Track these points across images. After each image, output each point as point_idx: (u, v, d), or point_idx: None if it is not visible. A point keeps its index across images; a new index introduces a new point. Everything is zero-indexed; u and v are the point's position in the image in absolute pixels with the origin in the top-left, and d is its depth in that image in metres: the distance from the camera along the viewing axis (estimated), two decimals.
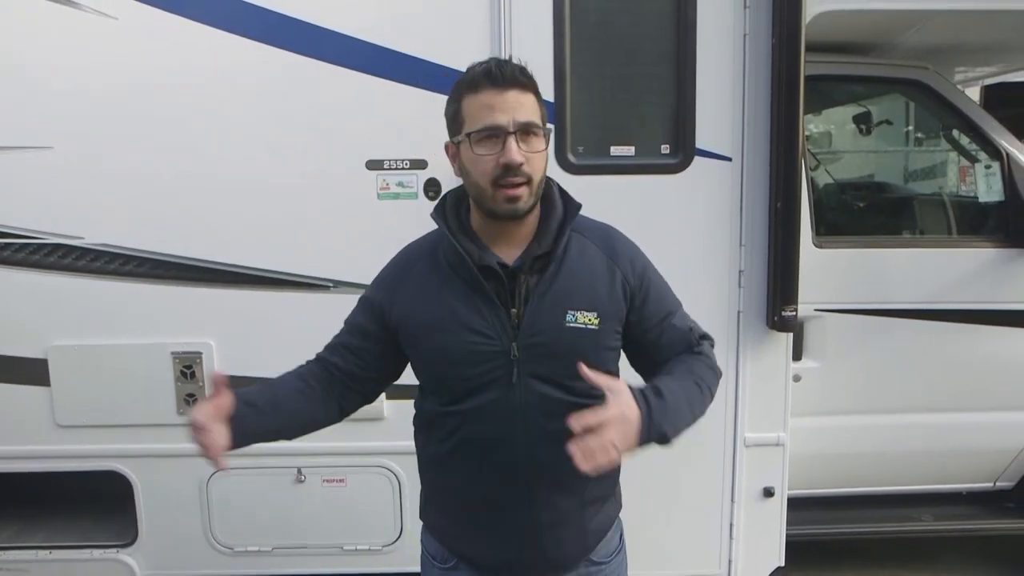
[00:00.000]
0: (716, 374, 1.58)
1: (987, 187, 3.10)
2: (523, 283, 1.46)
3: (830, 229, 3.28)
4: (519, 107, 1.40)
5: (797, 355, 2.96)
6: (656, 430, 1.33)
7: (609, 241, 1.57)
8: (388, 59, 2.56)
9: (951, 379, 3.09)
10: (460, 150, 1.46)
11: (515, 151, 1.38)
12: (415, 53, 2.57)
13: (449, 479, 1.59)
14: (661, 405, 1.35)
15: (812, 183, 3.93)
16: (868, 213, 3.75)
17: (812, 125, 4.71)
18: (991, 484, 3.32)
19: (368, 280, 2.61)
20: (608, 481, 1.60)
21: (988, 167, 3.09)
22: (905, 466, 3.23)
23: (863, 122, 4.08)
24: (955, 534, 3.27)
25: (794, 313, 2.55)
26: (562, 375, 1.45)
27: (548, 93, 2.56)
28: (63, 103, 2.55)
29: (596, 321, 1.47)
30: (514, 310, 1.45)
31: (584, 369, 1.33)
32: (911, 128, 4.78)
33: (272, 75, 2.56)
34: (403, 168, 2.62)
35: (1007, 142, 3.10)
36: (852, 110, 4.21)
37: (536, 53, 2.54)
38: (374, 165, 2.61)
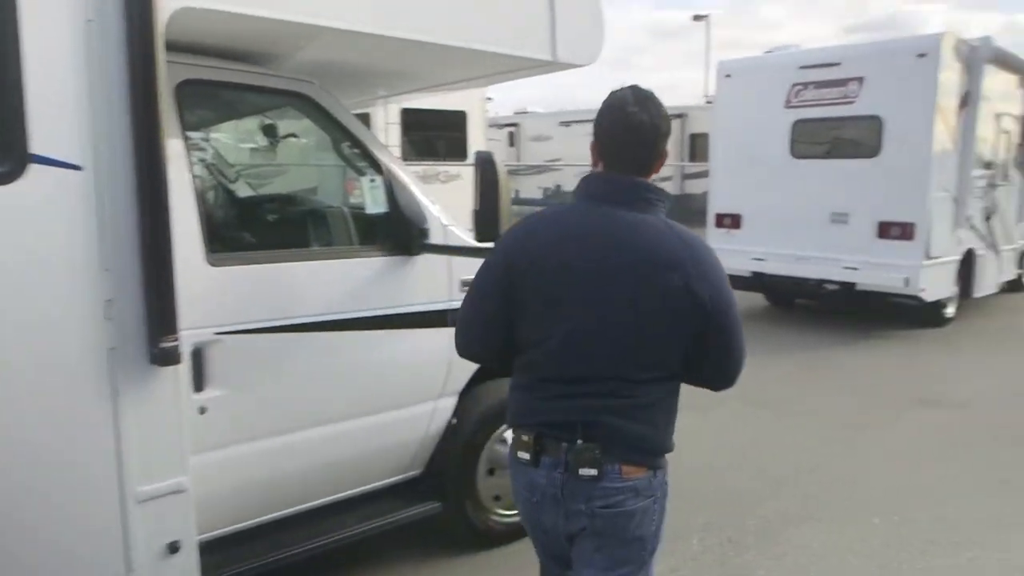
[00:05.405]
0: None
1: (373, 200, 3.28)
2: None
3: (231, 245, 3.09)
4: None
5: (200, 385, 2.69)
6: None
7: None
8: None
9: (355, 386, 3.18)
10: None
11: None
12: None
13: None
14: None
15: (214, 196, 3.72)
16: (277, 227, 3.67)
17: (222, 136, 4.49)
18: (404, 475, 3.56)
19: None
20: None
21: (372, 181, 3.28)
22: (329, 477, 3.24)
23: (270, 135, 4.03)
24: (384, 529, 3.39)
25: (175, 343, 2.24)
26: None
27: None
28: None
29: None
30: None
31: None
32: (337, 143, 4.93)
33: None
34: None
35: (387, 158, 3.33)
36: (265, 124, 4.14)
37: None
38: None
